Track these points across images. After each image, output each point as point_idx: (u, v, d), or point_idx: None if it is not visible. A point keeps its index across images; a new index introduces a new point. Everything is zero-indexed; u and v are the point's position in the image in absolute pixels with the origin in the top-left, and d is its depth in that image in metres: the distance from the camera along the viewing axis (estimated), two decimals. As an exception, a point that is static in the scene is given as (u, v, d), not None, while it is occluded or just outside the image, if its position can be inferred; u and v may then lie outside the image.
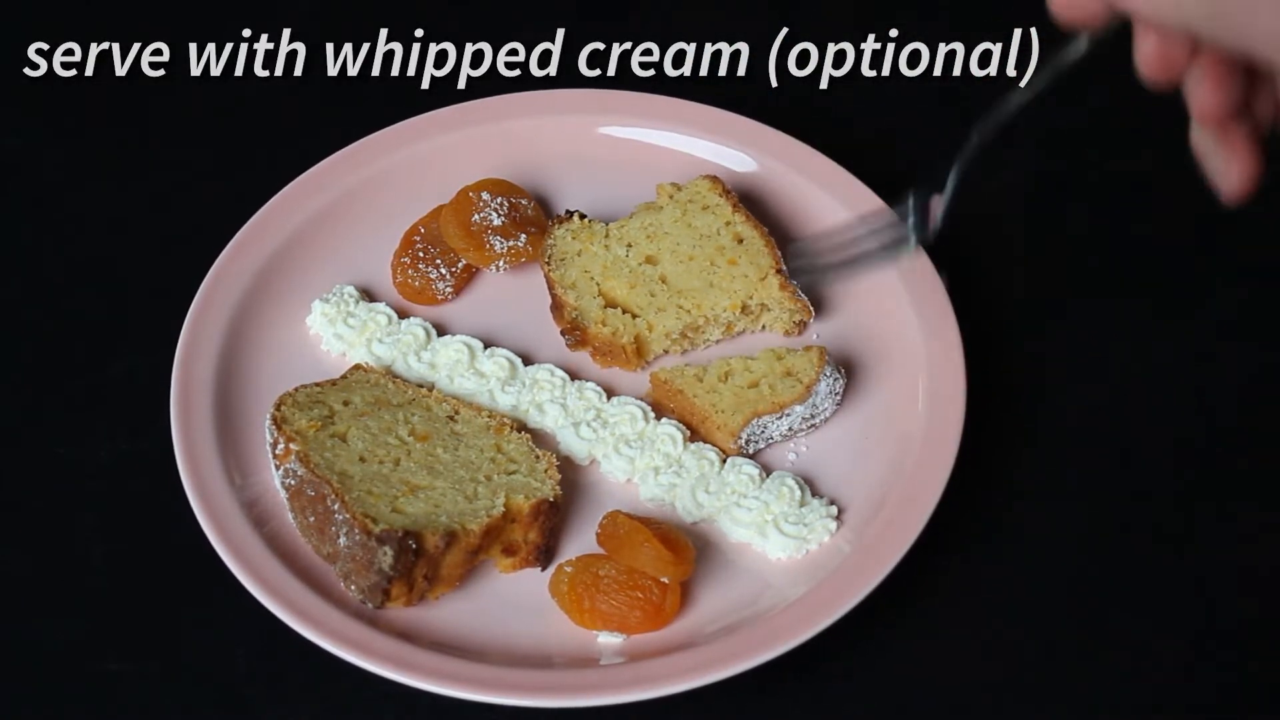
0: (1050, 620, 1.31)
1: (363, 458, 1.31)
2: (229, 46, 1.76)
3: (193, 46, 1.76)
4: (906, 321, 1.42)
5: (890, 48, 1.76)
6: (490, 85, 1.62)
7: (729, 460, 1.35)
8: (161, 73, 1.73)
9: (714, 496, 1.32)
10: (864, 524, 1.30)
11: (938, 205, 1.29)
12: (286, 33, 1.78)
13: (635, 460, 1.35)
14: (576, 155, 1.58)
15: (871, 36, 1.77)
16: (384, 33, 1.79)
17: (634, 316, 1.44)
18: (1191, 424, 1.44)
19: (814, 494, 1.33)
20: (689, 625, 1.26)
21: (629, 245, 1.48)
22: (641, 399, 1.39)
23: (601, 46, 1.76)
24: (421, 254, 1.49)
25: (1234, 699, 1.28)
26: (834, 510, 1.32)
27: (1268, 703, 1.28)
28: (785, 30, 1.79)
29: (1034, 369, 1.46)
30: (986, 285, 1.48)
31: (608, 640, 1.25)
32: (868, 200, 1.50)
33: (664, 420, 1.37)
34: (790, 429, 1.36)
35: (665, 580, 1.25)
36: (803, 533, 1.30)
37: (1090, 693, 1.27)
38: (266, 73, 1.73)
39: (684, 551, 1.26)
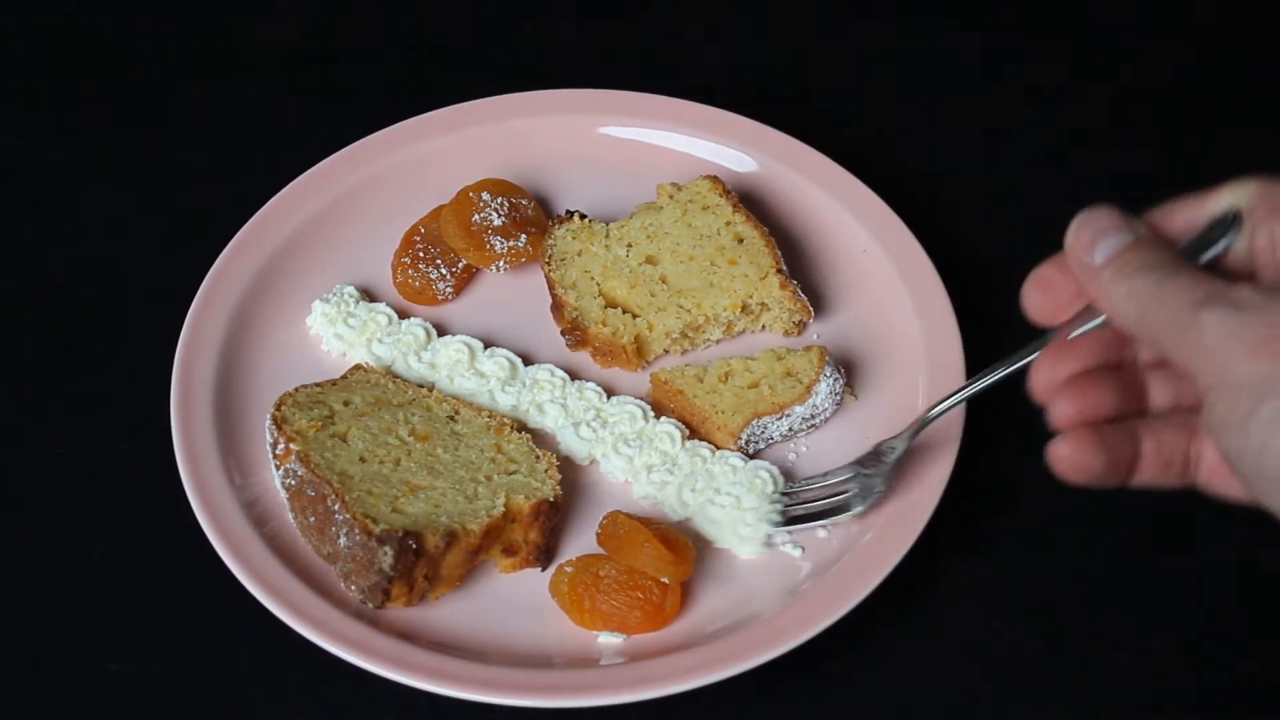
0: (1050, 620, 1.31)
1: (363, 458, 1.31)
2: (229, 47, 1.76)
3: (193, 47, 1.76)
4: (906, 321, 1.42)
5: (890, 48, 1.77)
6: (490, 85, 1.61)
7: (718, 453, 1.35)
8: (162, 73, 1.73)
9: (698, 494, 1.32)
10: (864, 524, 1.30)
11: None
12: (287, 33, 1.78)
13: (634, 459, 1.35)
14: (576, 155, 1.58)
15: (872, 36, 1.77)
16: (384, 33, 1.79)
17: (634, 316, 1.44)
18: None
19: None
20: (689, 625, 1.26)
21: (629, 245, 1.48)
22: (641, 399, 1.39)
23: (601, 46, 1.76)
24: (422, 254, 1.49)
25: (1234, 699, 1.28)
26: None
27: (1268, 703, 1.28)
28: (786, 30, 1.79)
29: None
30: (986, 285, 1.47)
31: (608, 640, 1.25)
32: (868, 199, 1.50)
33: (663, 419, 1.37)
34: (790, 429, 1.36)
35: (665, 580, 1.25)
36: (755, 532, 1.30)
37: (1090, 693, 1.27)
38: (266, 73, 1.73)
39: (684, 551, 1.26)
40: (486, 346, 1.43)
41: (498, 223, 1.48)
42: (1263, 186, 1.01)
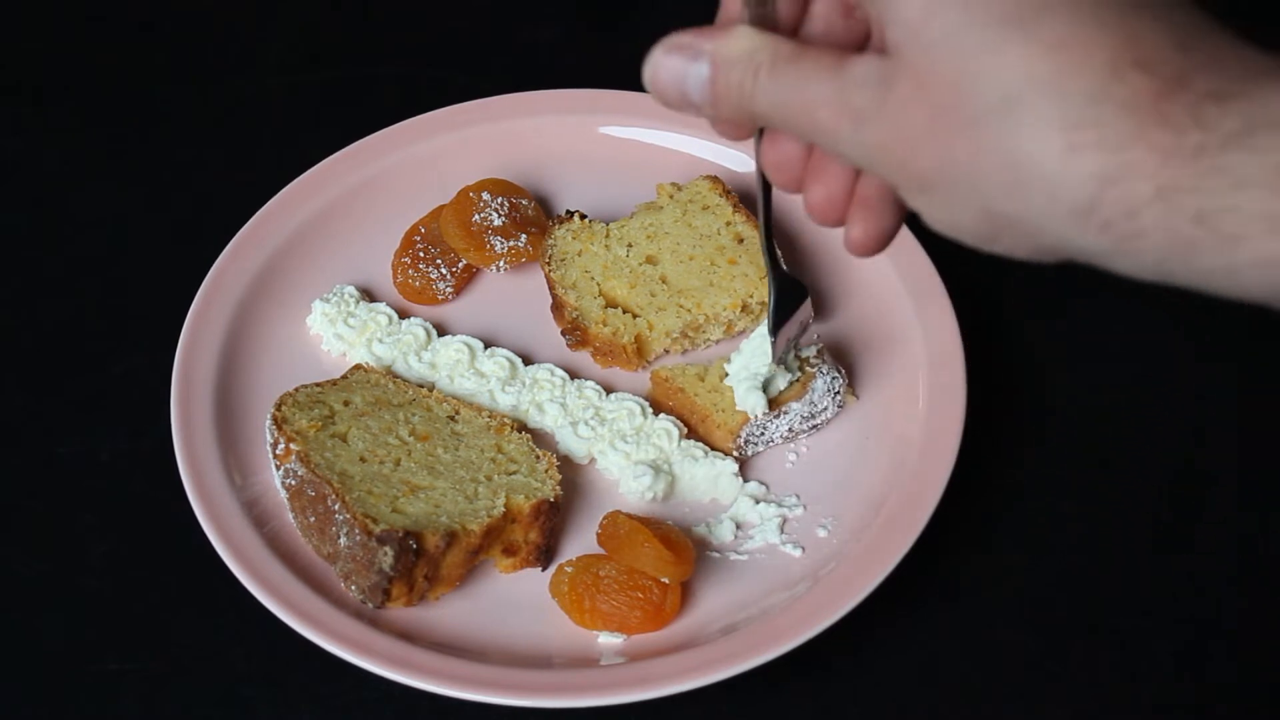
0: (1050, 620, 1.31)
1: (363, 458, 1.31)
2: (229, 47, 1.76)
3: (193, 47, 1.76)
4: (907, 321, 1.42)
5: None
6: (490, 85, 1.61)
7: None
8: (162, 73, 1.73)
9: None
10: (864, 524, 1.30)
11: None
12: (287, 33, 1.78)
13: (631, 455, 1.35)
14: (576, 155, 1.58)
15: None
16: (384, 33, 1.79)
17: (634, 316, 1.44)
18: (1192, 423, 1.44)
19: (801, 500, 1.34)
20: (689, 625, 1.26)
21: (629, 245, 1.48)
22: (641, 397, 1.39)
23: (602, 46, 1.76)
24: (422, 254, 1.49)
25: (1234, 699, 1.28)
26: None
27: (1268, 703, 1.28)
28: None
29: (1034, 368, 1.46)
30: (986, 285, 1.47)
31: (608, 640, 1.25)
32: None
33: (660, 416, 1.37)
34: (790, 429, 1.36)
35: (665, 581, 1.25)
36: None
37: (1090, 693, 1.27)
38: (266, 73, 1.73)
39: (684, 552, 1.26)
40: (486, 346, 1.43)
41: (498, 223, 1.48)
42: None
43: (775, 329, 1.29)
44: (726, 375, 1.36)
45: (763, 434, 1.35)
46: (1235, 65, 0.78)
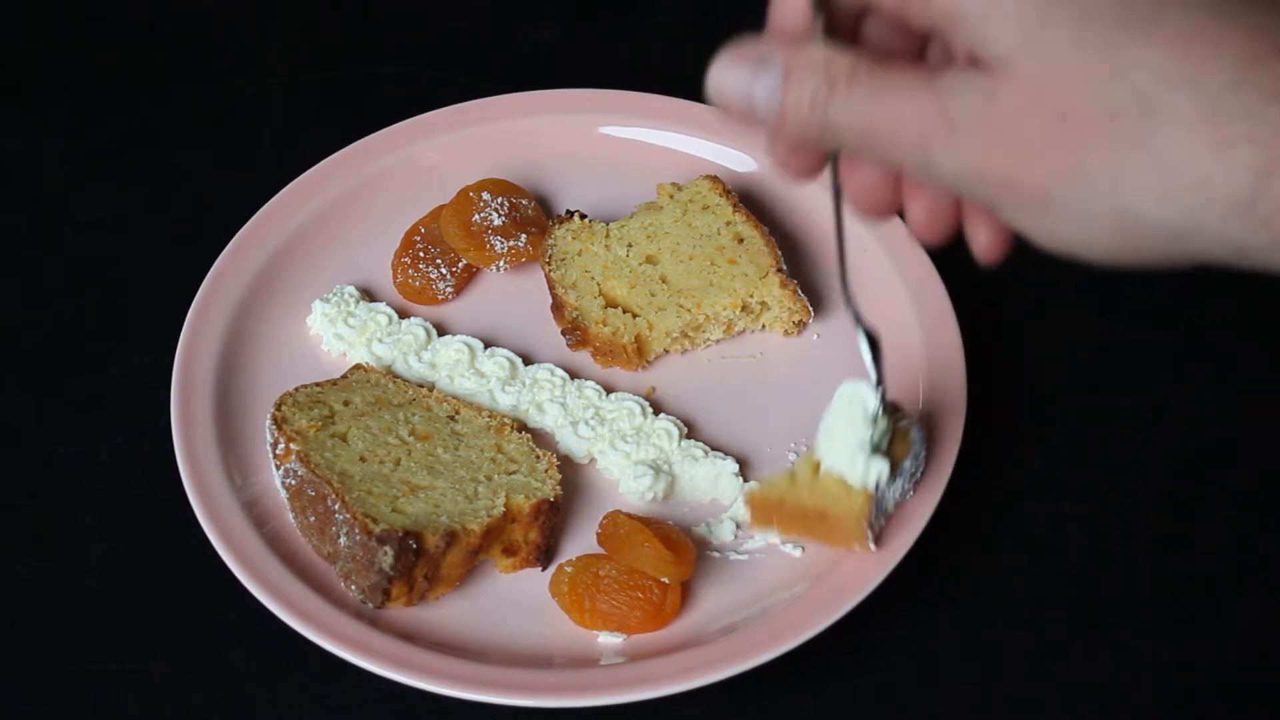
0: (1050, 620, 1.31)
1: (363, 458, 1.31)
2: (229, 47, 1.76)
3: (193, 47, 1.76)
4: (906, 321, 1.42)
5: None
6: (490, 85, 1.61)
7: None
8: (162, 73, 1.73)
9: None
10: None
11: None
12: (287, 33, 1.78)
13: (631, 455, 1.35)
14: (576, 155, 1.58)
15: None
16: (384, 33, 1.79)
17: (634, 316, 1.44)
18: (1192, 423, 1.44)
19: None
20: (689, 625, 1.26)
21: (629, 245, 1.48)
22: (640, 395, 1.39)
23: (602, 46, 1.76)
24: (422, 254, 1.49)
25: (1234, 699, 1.28)
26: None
27: (1268, 703, 1.28)
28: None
29: (1034, 369, 1.46)
30: (986, 285, 1.47)
31: (608, 640, 1.25)
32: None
33: (661, 415, 1.37)
34: (903, 491, 1.25)
35: (665, 580, 1.25)
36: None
37: (1090, 693, 1.27)
38: (266, 73, 1.73)
39: (684, 552, 1.26)
40: (487, 346, 1.43)
41: (498, 223, 1.48)
42: None
43: (880, 380, 1.17)
44: (820, 464, 1.21)
45: (882, 504, 1.22)
46: None
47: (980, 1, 0.81)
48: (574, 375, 1.41)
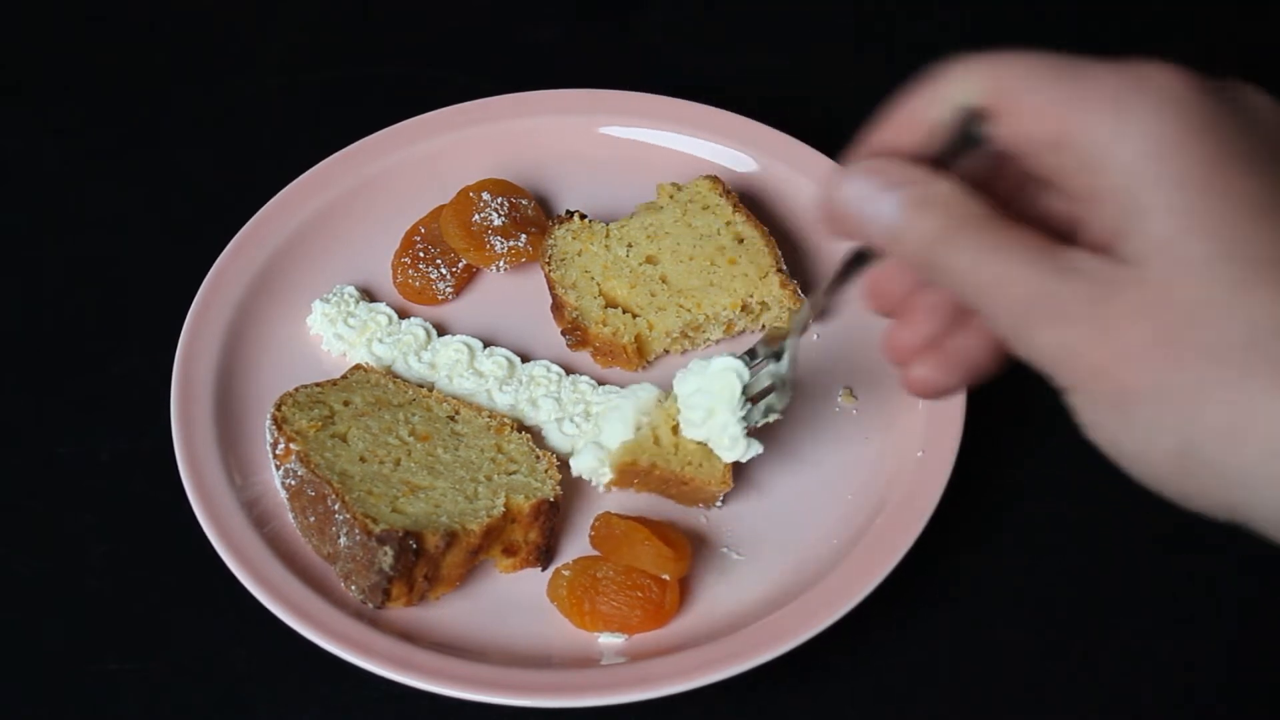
0: (1050, 620, 1.31)
1: (363, 458, 1.31)
2: (229, 47, 1.76)
3: (193, 47, 1.76)
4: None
5: (891, 48, 1.77)
6: (490, 85, 1.61)
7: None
8: (162, 73, 1.73)
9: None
10: (864, 524, 1.30)
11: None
12: (287, 33, 1.78)
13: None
14: (576, 155, 1.58)
15: (872, 37, 1.77)
16: (384, 33, 1.79)
17: (634, 316, 1.44)
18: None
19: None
20: (689, 625, 1.26)
21: (629, 245, 1.48)
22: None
23: (602, 46, 1.76)
24: (422, 254, 1.49)
25: (1234, 699, 1.28)
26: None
27: (1268, 703, 1.28)
28: (786, 30, 1.79)
29: (1034, 368, 1.46)
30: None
31: (608, 640, 1.25)
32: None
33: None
34: (765, 411, 1.26)
35: (665, 577, 1.25)
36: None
37: (1090, 693, 1.27)
38: (266, 73, 1.73)
39: (682, 547, 1.26)
40: (486, 346, 1.43)
41: (498, 223, 1.48)
42: (996, 68, 0.82)
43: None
44: (679, 427, 1.27)
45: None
46: None
47: (1145, 194, 0.78)
48: (569, 371, 1.41)
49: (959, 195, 0.83)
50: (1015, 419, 1.42)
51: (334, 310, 1.44)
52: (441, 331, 1.45)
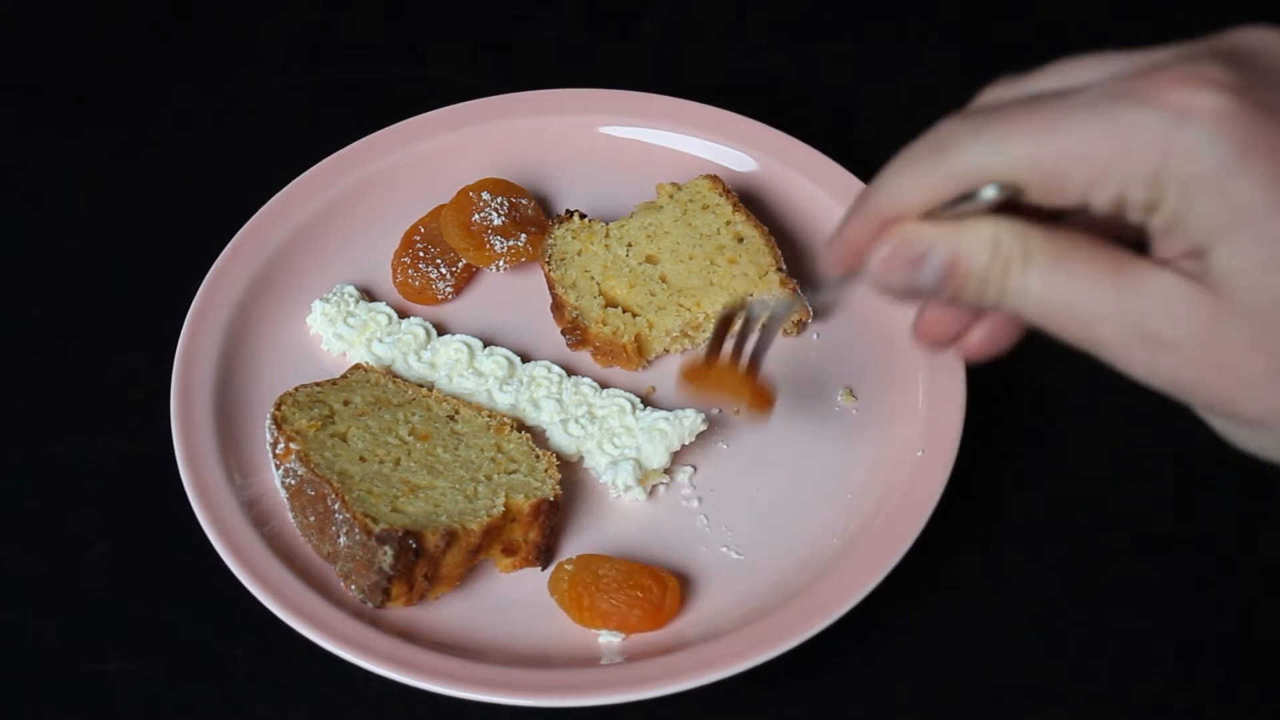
0: (1050, 620, 1.31)
1: (363, 457, 1.31)
2: (229, 46, 1.77)
3: (193, 47, 1.76)
4: (906, 321, 1.42)
5: (892, 48, 1.77)
6: (490, 85, 1.61)
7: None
8: (162, 73, 1.73)
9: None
10: (864, 524, 1.30)
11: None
12: (287, 33, 1.78)
13: (614, 455, 1.35)
14: (576, 155, 1.58)
15: (872, 37, 1.77)
16: (384, 32, 1.79)
17: (634, 316, 1.44)
18: (1193, 423, 1.43)
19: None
20: (689, 625, 1.26)
21: (629, 245, 1.48)
22: (636, 393, 1.39)
23: (602, 46, 1.76)
24: (421, 254, 1.49)
25: (1232, 699, 1.28)
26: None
27: (1266, 703, 1.28)
28: (786, 30, 1.79)
29: (1035, 368, 1.46)
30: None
31: (608, 640, 1.25)
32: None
33: (648, 409, 1.38)
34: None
35: (666, 582, 1.25)
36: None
37: (1090, 693, 1.27)
38: (267, 73, 1.73)
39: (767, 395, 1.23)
40: (486, 346, 1.43)
41: (498, 223, 1.48)
42: (1013, 143, 0.80)
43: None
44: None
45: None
46: None
47: (1228, 221, 0.77)
48: (571, 372, 1.41)
49: (998, 232, 0.82)
50: (1015, 419, 1.42)
51: (334, 310, 1.44)
52: (441, 331, 1.45)
